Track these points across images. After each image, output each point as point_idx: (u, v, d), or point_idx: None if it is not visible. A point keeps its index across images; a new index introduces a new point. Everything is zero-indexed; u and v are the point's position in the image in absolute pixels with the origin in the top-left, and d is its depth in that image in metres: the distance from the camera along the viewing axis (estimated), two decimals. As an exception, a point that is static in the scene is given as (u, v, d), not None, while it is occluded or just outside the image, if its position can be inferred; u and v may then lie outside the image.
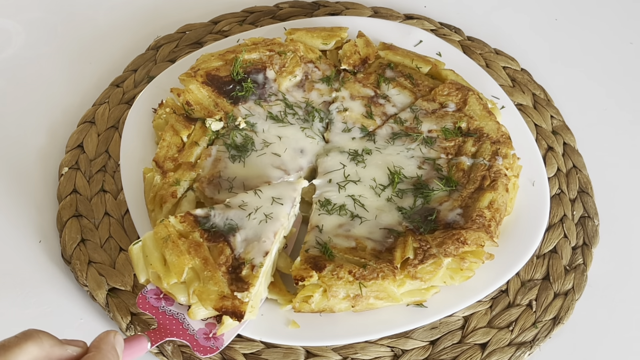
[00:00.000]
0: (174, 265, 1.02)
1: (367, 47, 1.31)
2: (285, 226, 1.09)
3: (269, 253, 1.04)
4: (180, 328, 1.02)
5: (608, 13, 1.53)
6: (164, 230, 1.05)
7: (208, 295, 1.00)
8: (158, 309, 1.04)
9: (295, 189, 1.11)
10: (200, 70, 1.24)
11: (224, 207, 1.08)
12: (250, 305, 1.01)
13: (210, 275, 1.02)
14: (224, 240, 1.05)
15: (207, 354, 1.02)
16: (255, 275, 1.01)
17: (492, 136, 1.20)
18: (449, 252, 1.06)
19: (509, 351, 1.10)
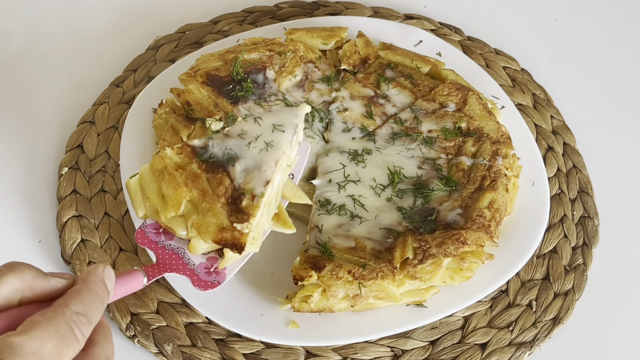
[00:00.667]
0: (171, 197, 0.99)
1: (367, 47, 1.31)
2: (288, 154, 1.04)
3: (270, 182, 0.99)
4: (180, 263, 0.99)
5: (608, 13, 1.53)
6: (160, 162, 1.01)
7: (207, 228, 0.97)
8: (157, 244, 1.00)
9: (297, 114, 1.07)
10: (200, 70, 1.24)
11: (222, 136, 1.04)
12: (252, 237, 0.97)
13: (208, 207, 0.98)
14: (223, 171, 1.01)
15: (208, 288, 0.98)
16: (255, 206, 0.97)
17: (492, 136, 1.20)
18: (449, 252, 1.06)
19: (509, 351, 1.10)
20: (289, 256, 1.13)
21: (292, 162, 1.07)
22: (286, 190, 1.06)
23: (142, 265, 1.11)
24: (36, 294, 0.71)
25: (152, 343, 1.09)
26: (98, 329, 0.73)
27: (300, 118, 1.06)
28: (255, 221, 0.97)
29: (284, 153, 1.02)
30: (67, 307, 0.69)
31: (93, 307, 0.71)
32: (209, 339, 1.10)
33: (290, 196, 1.06)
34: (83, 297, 0.71)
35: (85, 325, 0.69)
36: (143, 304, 1.12)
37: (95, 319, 0.70)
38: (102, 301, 0.72)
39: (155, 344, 1.09)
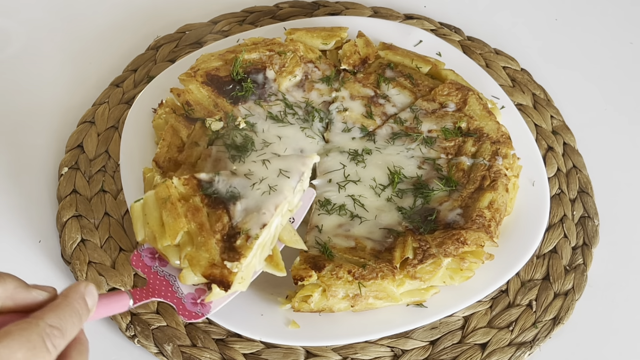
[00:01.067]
0: (169, 226, 1.00)
1: (367, 47, 1.31)
2: (290, 200, 1.05)
3: (267, 226, 1.00)
4: (170, 290, 1.00)
5: (608, 13, 1.53)
6: (165, 191, 1.03)
7: (198, 261, 0.98)
8: (151, 268, 1.01)
9: (305, 163, 1.07)
10: (200, 70, 1.24)
11: (229, 174, 1.05)
12: (240, 276, 0.99)
13: (203, 241, 0.99)
14: (223, 208, 1.02)
15: (192, 319, 0.99)
16: (248, 247, 0.99)
17: (492, 136, 1.20)
18: (449, 252, 1.06)
19: (509, 351, 1.10)
20: (289, 256, 1.13)
21: (294, 207, 1.08)
22: (283, 234, 1.08)
23: (130, 287, 1.13)
24: (17, 304, 0.72)
25: (152, 343, 1.09)
26: (74, 344, 0.73)
27: (307, 167, 1.07)
28: (246, 262, 0.99)
29: (286, 198, 1.03)
30: (41, 319, 0.69)
31: (69, 322, 0.71)
32: (209, 339, 1.10)
33: (286, 240, 1.08)
34: (60, 311, 0.71)
35: (58, 338, 0.69)
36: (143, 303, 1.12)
37: (70, 333, 0.71)
38: (79, 317, 0.73)
39: (155, 344, 1.09)
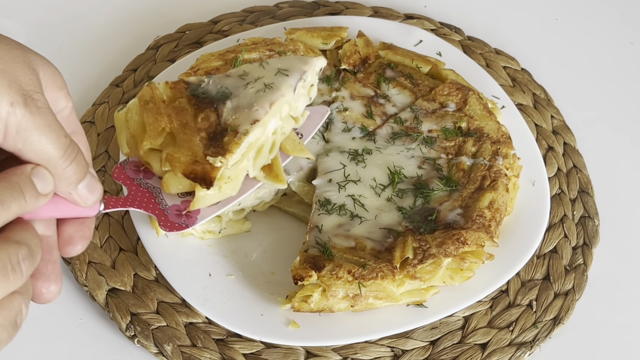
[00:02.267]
0: (150, 127, 0.93)
1: (367, 46, 1.31)
2: (288, 100, 0.95)
3: (259, 122, 0.91)
4: (152, 202, 0.93)
5: (608, 13, 1.53)
6: (149, 93, 0.96)
7: (179, 160, 0.90)
8: (134, 181, 0.94)
9: (307, 62, 0.98)
10: (200, 70, 1.23)
11: (222, 76, 0.99)
12: (227, 175, 0.91)
13: (186, 138, 0.91)
14: (212, 108, 0.94)
15: (173, 230, 0.93)
16: (236, 142, 0.90)
17: (493, 136, 1.20)
18: (449, 252, 1.06)
19: (509, 351, 1.10)
20: (289, 256, 1.13)
21: (299, 115, 0.99)
22: (286, 143, 0.98)
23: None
24: None
25: (152, 343, 1.09)
26: (13, 225, 0.68)
27: (310, 66, 0.98)
28: (233, 159, 0.90)
29: (283, 96, 0.94)
30: None
31: (6, 194, 0.66)
32: (209, 339, 1.10)
33: (289, 149, 0.99)
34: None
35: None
36: (143, 304, 1.12)
37: (7, 207, 0.65)
38: (22, 194, 0.66)
39: (155, 344, 1.09)
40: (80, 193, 0.74)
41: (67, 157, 0.70)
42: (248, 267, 1.14)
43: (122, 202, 0.90)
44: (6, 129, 0.66)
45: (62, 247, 0.76)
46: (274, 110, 0.93)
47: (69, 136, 0.70)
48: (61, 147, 0.69)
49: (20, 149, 0.67)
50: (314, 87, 1.00)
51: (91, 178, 0.74)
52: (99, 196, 0.75)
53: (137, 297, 1.13)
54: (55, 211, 0.73)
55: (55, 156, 0.69)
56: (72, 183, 0.72)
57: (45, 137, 0.68)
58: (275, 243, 1.18)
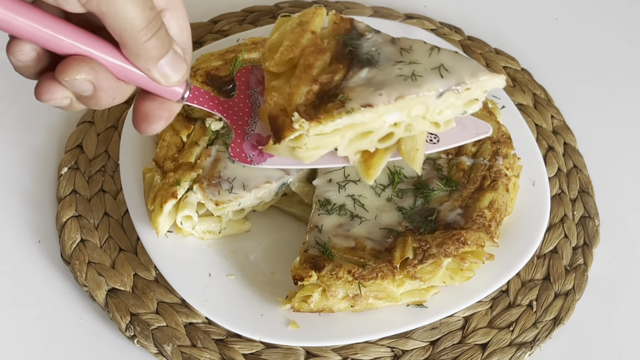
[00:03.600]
0: (282, 50, 0.86)
1: (367, 46, 1.31)
2: (426, 102, 0.82)
3: (370, 108, 0.80)
4: (243, 119, 0.86)
5: (608, 13, 1.53)
6: (310, 16, 0.88)
7: (274, 97, 0.82)
8: (247, 88, 0.89)
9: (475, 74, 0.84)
10: (200, 70, 1.23)
11: (389, 39, 0.87)
12: (305, 143, 0.81)
13: (297, 82, 0.82)
14: (347, 65, 0.84)
15: (236, 157, 0.86)
16: (332, 116, 0.80)
17: (493, 136, 1.19)
18: (449, 252, 1.06)
19: (510, 351, 1.10)
20: (289, 256, 1.13)
21: (442, 122, 0.87)
22: (405, 142, 0.87)
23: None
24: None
25: (151, 343, 1.09)
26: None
27: (476, 81, 0.84)
28: (319, 129, 0.81)
29: (419, 96, 0.82)
30: None
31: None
32: (209, 339, 1.10)
33: (403, 150, 0.87)
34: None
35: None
36: (143, 304, 1.12)
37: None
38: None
39: (155, 344, 1.09)
40: (162, 70, 0.71)
41: (148, 30, 0.67)
42: (248, 267, 1.14)
43: (211, 101, 0.82)
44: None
45: (138, 122, 0.75)
46: (398, 105, 0.82)
47: (155, 9, 0.68)
48: (145, 19, 0.67)
49: (104, 12, 0.65)
50: (478, 103, 0.89)
51: (175, 55, 0.72)
52: (182, 76, 0.73)
53: (137, 297, 1.13)
54: (136, 78, 0.71)
55: (138, 27, 0.66)
56: (152, 58, 0.70)
57: (132, 5, 0.65)
58: (275, 243, 1.18)
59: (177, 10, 0.74)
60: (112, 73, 0.70)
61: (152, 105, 0.75)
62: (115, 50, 0.70)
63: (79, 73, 0.68)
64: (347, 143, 0.85)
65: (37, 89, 0.72)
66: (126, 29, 0.66)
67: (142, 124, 0.75)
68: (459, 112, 0.88)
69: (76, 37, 0.68)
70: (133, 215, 1.15)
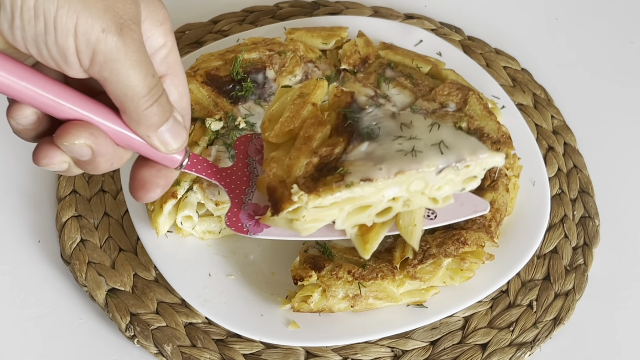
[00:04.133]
0: (283, 120, 0.86)
1: (367, 46, 1.31)
2: (426, 178, 0.82)
3: (370, 182, 0.80)
4: (240, 187, 0.86)
5: (609, 13, 1.53)
6: (311, 88, 0.88)
7: (273, 169, 0.82)
8: (246, 157, 0.89)
9: (475, 152, 0.86)
10: (200, 70, 1.23)
11: (390, 113, 0.87)
12: (303, 214, 0.81)
13: (297, 154, 0.82)
14: (347, 138, 0.84)
15: (232, 226, 0.86)
16: (331, 189, 0.80)
17: (493, 136, 1.19)
18: (449, 253, 1.06)
19: (510, 352, 1.10)
20: (289, 256, 1.13)
21: (440, 198, 0.88)
22: (403, 217, 0.88)
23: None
24: None
25: (151, 343, 1.09)
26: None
27: (475, 159, 0.86)
28: (317, 202, 0.81)
29: (419, 172, 0.82)
30: None
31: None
32: (209, 339, 1.10)
33: (400, 225, 0.89)
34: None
35: None
36: (143, 304, 1.12)
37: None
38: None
39: (155, 345, 1.09)
40: (162, 137, 0.71)
41: (150, 97, 0.67)
42: (248, 267, 1.14)
43: (209, 169, 0.83)
44: (93, 55, 0.63)
45: (135, 190, 0.75)
46: (397, 180, 0.82)
47: (157, 76, 0.68)
48: (147, 86, 0.66)
49: (106, 78, 0.65)
50: (477, 180, 0.89)
51: (175, 123, 0.72)
52: (181, 143, 0.73)
53: (137, 297, 1.13)
54: (135, 145, 0.71)
55: (139, 94, 0.67)
56: (153, 125, 0.70)
57: (134, 71, 0.65)
58: (275, 243, 1.18)
59: (177, 77, 0.74)
60: (111, 139, 0.70)
61: (150, 173, 0.75)
62: (115, 116, 0.70)
63: (78, 138, 0.68)
64: (345, 216, 0.86)
65: (36, 154, 0.71)
66: (128, 95, 0.66)
67: (139, 191, 0.75)
68: (458, 189, 0.89)
69: (76, 102, 0.68)
70: (133, 215, 1.15)
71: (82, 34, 0.62)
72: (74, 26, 0.62)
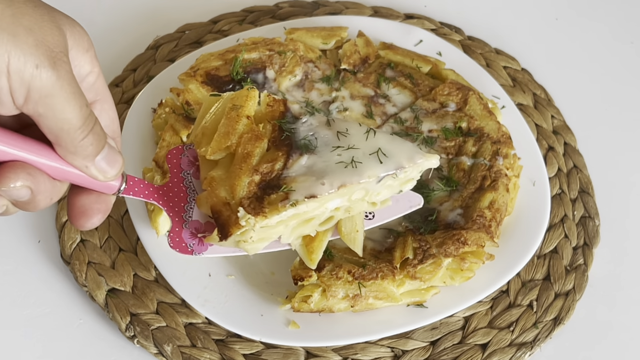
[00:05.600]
0: (218, 137, 0.84)
1: (367, 46, 1.31)
2: (367, 189, 0.84)
3: (315, 199, 0.80)
4: (179, 205, 0.84)
5: (609, 13, 1.53)
6: (243, 100, 0.87)
7: (215, 190, 0.81)
8: (180, 172, 0.86)
9: (412, 158, 0.87)
10: (200, 70, 1.23)
11: (325, 121, 0.87)
12: (250, 236, 0.82)
13: (237, 173, 0.81)
14: (286, 152, 0.84)
15: (176, 248, 0.85)
16: (277, 209, 0.80)
17: (493, 136, 1.19)
18: (449, 253, 1.06)
19: (510, 352, 1.10)
20: (289, 256, 1.13)
21: (378, 202, 0.90)
22: (345, 224, 0.90)
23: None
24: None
25: (151, 343, 1.09)
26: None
27: (414, 164, 0.87)
28: (264, 223, 0.82)
29: (360, 183, 0.83)
30: None
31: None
32: (209, 339, 1.10)
33: (343, 233, 0.91)
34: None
35: None
36: (143, 304, 1.12)
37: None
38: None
39: (155, 345, 1.09)
40: (98, 166, 0.70)
41: (85, 127, 0.66)
42: (248, 267, 1.14)
43: (146, 189, 0.81)
44: (28, 93, 0.62)
45: (76, 218, 0.73)
46: (340, 192, 0.83)
47: (89, 106, 0.67)
48: (82, 117, 0.65)
49: (40, 114, 0.63)
50: (413, 181, 0.91)
51: (110, 150, 0.71)
52: (118, 170, 0.72)
53: (137, 297, 1.13)
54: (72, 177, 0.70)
55: (75, 126, 0.65)
56: (89, 155, 0.69)
57: (69, 104, 0.64)
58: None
59: (106, 101, 0.74)
60: (48, 174, 0.69)
61: (88, 200, 0.74)
62: (50, 151, 0.68)
63: (15, 181, 0.66)
64: (290, 231, 0.87)
65: None
66: (63, 128, 0.65)
67: (80, 219, 0.74)
68: (396, 192, 0.92)
69: (9, 142, 0.66)
70: (133, 215, 1.15)
71: (15, 72, 0.60)
72: (7, 65, 0.60)
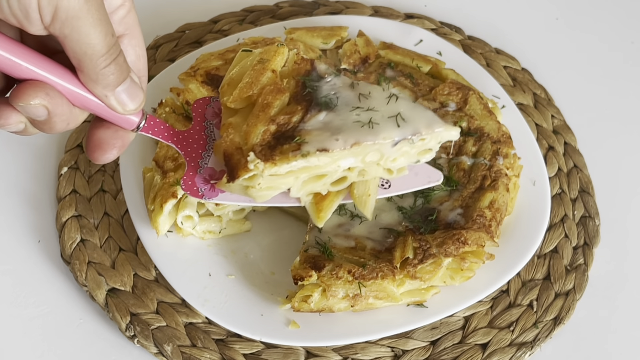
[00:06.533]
0: (242, 86, 0.86)
1: (367, 46, 1.31)
2: (381, 150, 0.84)
3: (326, 152, 0.81)
4: (197, 151, 0.86)
5: (609, 12, 1.53)
6: (271, 54, 0.88)
7: (230, 135, 0.82)
8: (204, 120, 0.87)
9: (430, 126, 0.87)
10: (200, 70, 1.23)
11: (349, 83, 0.87)
12: (258, 182, 0.82)
13: (254, 121, 0.82)
14: (305, 107, 0.84)
15: (188, 191, 0.86)
16: (288, 158, 0.81)
17: (493, 136, 1.19)
18: (449, 252, 1.06)
19: (510, 351, 1.10)
20: (289, 256, 1.13)
21: (394, 170, 0.90)
22: (358, 187, 0.89)
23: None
24: None
25: (151, 343, 1.09)
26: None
27: (431, 132, 0.87)
28: (273, 170, 0.81)
29: (374, 144, 0.83)
30: None
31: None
32: (209, 339, 1.10)
33: (355, 195, 0.90)
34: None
35: None
36: (143, 304, 1.12)
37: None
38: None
39: (155, 344, 1.09)
40: (119, 97, 0.72)
41: (108, 56, 0.68)
42: (248, 267, 1.14)
43: (166, 132, 0.82)
44: (55, 12, 0.63)
45: (91, 150, 0.74)
46: (353, 150, 0.83)
47: (115, 36, 0.68)
48: (106, 45, 0.67)
49: (66, 36, 0.65)
50: (431, 153, 0.91)
51: (132, 83, 0.72)
52: (138, 104, 0.73)
53: (137, 297, 1.13)
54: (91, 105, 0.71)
55: (98, 53, 0.67)
56: (110, 85, 0.70)
57: (95, 30, 0.65)
58: (275, 243, 1.18)
59: (134, 37, 0.75)
60: (68, 99, 0.70)
61: (106, 134, 0.75)
62: (71, 76, 0.70)
63: (34, 98, 0.68)
64: (300, 185, 0.87)
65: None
66: (87, 53, 0.66)
67: (95, 152, 0.75)
68: (413, 161, 0.91)
69: (33, 62, 0.68)
70: (133, 215, 1.15)
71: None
72: None
